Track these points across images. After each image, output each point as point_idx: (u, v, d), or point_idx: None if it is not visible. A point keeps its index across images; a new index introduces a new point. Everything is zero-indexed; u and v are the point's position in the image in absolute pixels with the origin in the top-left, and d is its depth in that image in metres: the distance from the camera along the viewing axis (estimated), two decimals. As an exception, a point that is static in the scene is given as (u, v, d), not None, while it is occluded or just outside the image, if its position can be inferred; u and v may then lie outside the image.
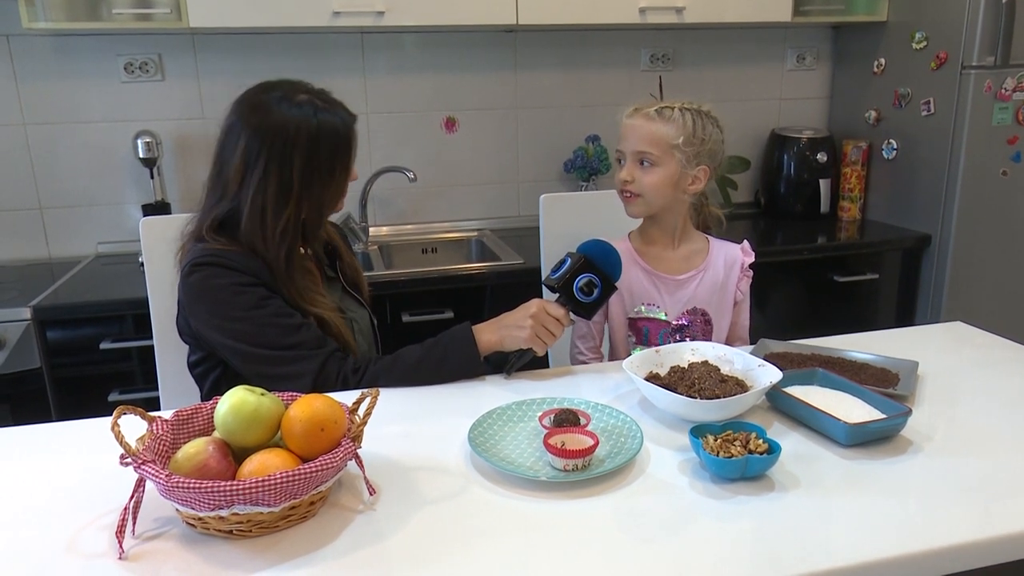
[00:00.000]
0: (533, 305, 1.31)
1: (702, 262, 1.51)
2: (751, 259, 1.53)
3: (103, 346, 1.92)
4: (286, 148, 1.24)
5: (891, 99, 2.55)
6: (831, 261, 2.42)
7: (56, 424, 1.19)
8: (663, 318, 1.48)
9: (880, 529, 0.87)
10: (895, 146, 2.55)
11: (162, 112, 2.33)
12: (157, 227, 1.57)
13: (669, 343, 1.38)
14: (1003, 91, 2.29)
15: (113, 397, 1.96)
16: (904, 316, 2.55)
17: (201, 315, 1.27)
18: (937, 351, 1.40)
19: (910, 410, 1.07)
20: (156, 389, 1.62)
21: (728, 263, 1.51)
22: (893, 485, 0.96)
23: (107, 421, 1.14)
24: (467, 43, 2.51)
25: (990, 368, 1.33)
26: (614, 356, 1.54)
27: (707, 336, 1.50)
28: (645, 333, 1.49)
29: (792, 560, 0.82)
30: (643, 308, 1.49)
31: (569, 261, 1.31)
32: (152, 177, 2.29)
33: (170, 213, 2.32)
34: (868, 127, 2.65)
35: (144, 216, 2.26)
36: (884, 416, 1.07)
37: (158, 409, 1.57)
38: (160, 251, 1.54)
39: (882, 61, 2.58)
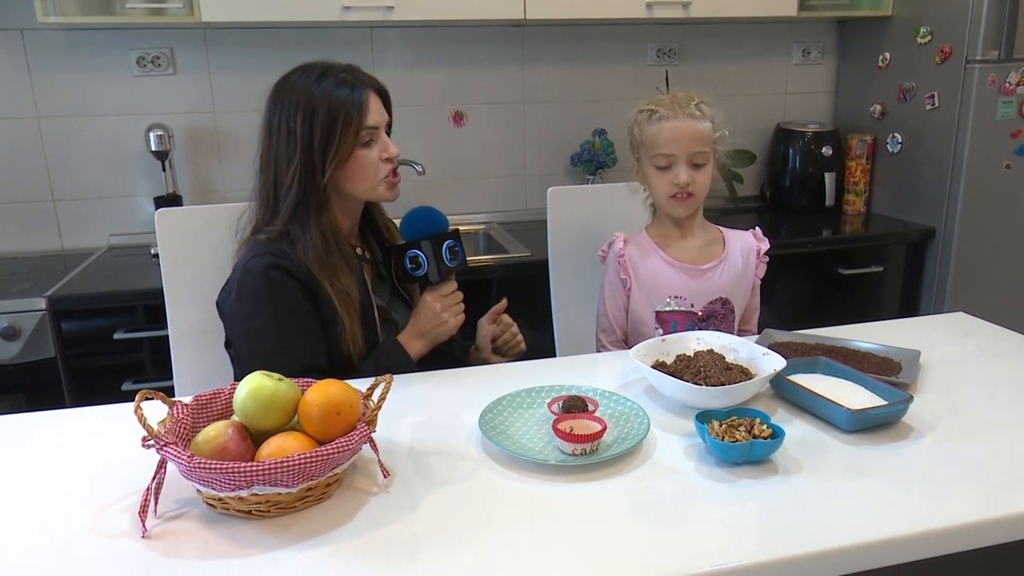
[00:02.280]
0: (432, 303, 1.37)
1: (722, 251, 1.53)
2: (766, 245, 1.55)
3: (116, 336, 1.95)
4: (289, 108, 1.31)
5: (896, 93, 2.56)
6: (836, 254, 2.44)
7: (75, 410, 1.22)
8: (690, 310, 1.50)
9: (880, 511, 0.89)
10: (900, 140, 2.56)
11: (174, 106, 2.36)
12: (171, 219, 1.59)
13: (693, 331, 1.39)
14: (1007, 85, 2.30)
15: (126, 387, 1.99)
16: (908, 309, 2.56)
17: (244, 310, 1.31)
18: (939, 341, 1.42)
19: (911, 397, 1.09)
20: (168, 379, 1.64)
21: (745, 251, 1.54)
22: (894, 470, 0.98)
23: (125, 407, 1.19)
24: (475, 38, 2.53)
25: (992, 358, 1.34)
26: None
27: (730, 324, 1.52)
28: (673, 326, 1.51)
29: (795, 542, 0.84)
30: (671, 301, 1.50)
31: (421, 252, 1.35)
32: (164, 170, 2.32)
33: (182, 205, 2.35)
34: (873, 121, 2.66)
35: (156, 208, 2.30)
36: (886, 403, 1.10)
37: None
38: (175, 242, 1.56)
39: (887, 55, 2.59)
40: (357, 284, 1.36)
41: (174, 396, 1.62)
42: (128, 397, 1.97)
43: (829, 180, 2.67)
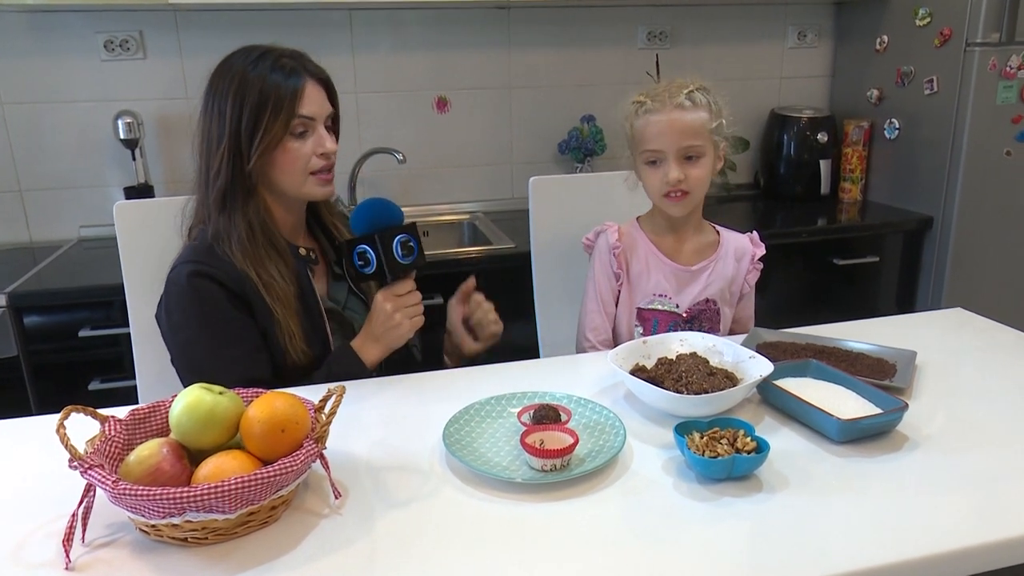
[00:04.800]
0: (384, 303, 1.26)
1: (713, 252, 1.45)
2: (761, 251, 1.47)
3: (82, 334, 1.88)
4: (223, 90, 1.24)
5: (894, 77, 2.47)
6: (831, 244, 2.36)
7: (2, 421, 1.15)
8: (674, 310, 1.43)
9: (874, 534, 0.82)
10: (897, 126, 2.48)
11: (144, 91, 2.27)
12: (132, 212, 1.51)
13: (676, 332, 1.32)
14: (1008, 69, 2.22)
15: (94, 386, 1.92)
16: (905, 299, 2.49)
17: (174, 322, 1.24)
18: (936, 339, 1.35)
19: (906, 404, 1.02)
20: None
21: (738, 255, 1.46)
22: (888, 485, 0.91)
23: (52, 419, 1.10)
24: (459, 20, 2.43)
25: (990, 357, 1.27)
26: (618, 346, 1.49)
27: (715, 327, 1.44)
28: (654, 324, 1.43)
29: (780, 568, 0.77)
30: (656, 299, 1.43)
31: (369, 248, 1.24)
32: (134, 159, 2.24)
33: (153, 195, 2.27)
34: (870, 106, 2.58)
35: (127, 199, 2.22)
36: (879, 411, 1.03)
37: (138, 401, 1.54)
38: (137, 236, 1.49)
39: (884, 38, 2.50)
40: (293, 280, 1.27)
41: (138, 398, 1.57)
42: (95, 397, 1.93)
43: (824, 167, 2.59)
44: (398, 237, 1.25)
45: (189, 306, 1.21)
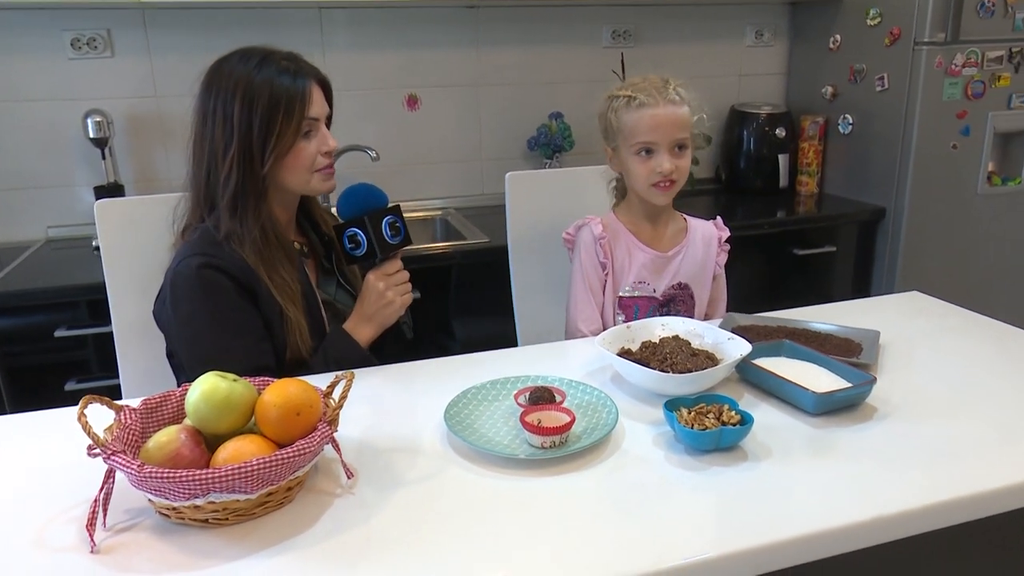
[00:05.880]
0: (376, 282, 1.31)
1: (684, 238, 1.53)
2: (726, 234, 1.56)
3: (58, 334, 1.86)
4: (226, 93, 1.24)
5: (847, 75, 2.59)
6: (791, 235, 2.46)
7: (14, 416, 1.16)
8: (652, 295, 1.50)
9: (848, 495, 0.89)
10: (851, 121, 2.60)
11: (113, 90, 2.25)
12: (112, 210, 1.51)
13: (658, 317, 1.39)
14: (953, 67, 2.34)
15: (70, 386, 1.90)
16: (860, 286, 2.61)
17: (181, 315, 1.25)
18: (896, 320, 1.44)
19: (875, 378, 1.10)
20: (115, 377, 1.57)
21: (706, 239, 1.54)
22: (860, 452, 0.99)
23: (67, 411, 1.12)
24: (428, 19, 2.47)
25: (945, 336, 1.37)
26: None
27: (690, 310, 1.52)
28: (635, 311, 1.50)
29: (767, 528, 0.84)
30: (635, 286, 1.50)
31: (359, 230, 1.29)
32: (104, 158, 2.22)
33: (124, 195, 2.25)
34: (825, 102, 2.69)
35: (97, 199, 2.20)
36: (850, 385, 1.10)
37: (120, 398, 1.54)
38: (117, 235, 1.49)
39: (838, 37, 2.61)
40: (299, 278, 1.31)
41: (120, 396, 1.57)
42: (72, 397, 1.90)
43: (783, 161, 2.69)
44: (386, 218, 1.31)
45: (200, 298, 1.22)
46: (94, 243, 2.07)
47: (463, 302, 2.15)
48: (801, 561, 0.83)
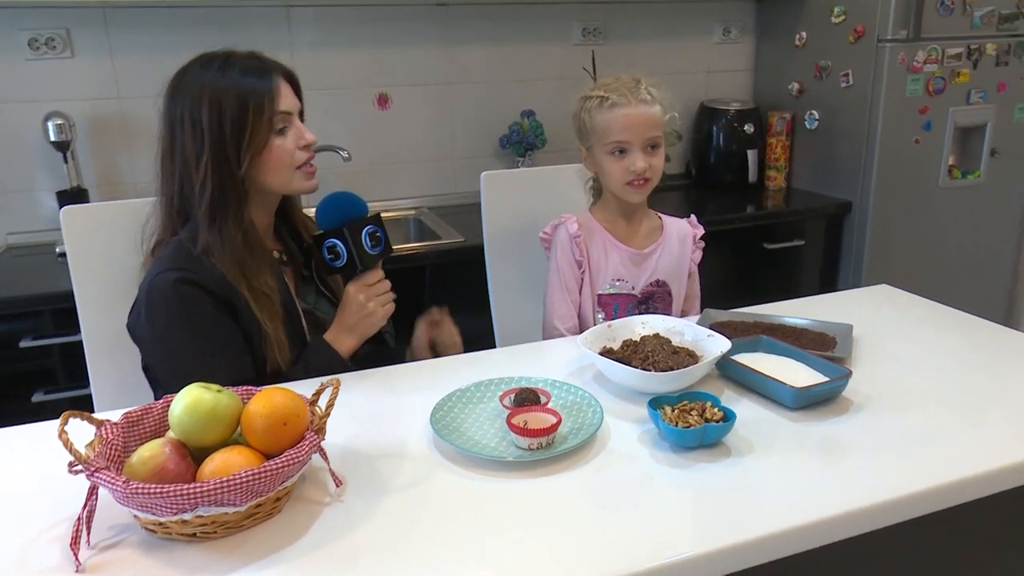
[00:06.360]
0: (356, 294, 1.30)
1: (660, 236, 1.55)
2: (701, 231, 1.58)
3: (23, 344, 1.82)
4: (192, 100, 1.22)
5: (812, 71, 2.63)
6: (760, 229, 2.50)
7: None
8: (631, 292, 1.51)
9: (833, 488, 0.91)
10: (817, 117, 2.64)
11: (73, 92, 2.19)
12: (79, 216, 1.47)
13: (636, 315, 1.40)
14: (915, 63, 2.40)
15: (38, 397, 1.86)
16: (828, 279, 2.66)
17: (158, 331, 1.23)
18: (867, 313, 1.47)
19: (850, 372, 1.13)
20: (84, 387, 1.54)
21: (681, 236, 1.56)
22: (839, 444, 1.01)
23: (40, 426, 1.10)
24: (397, 17, 2.45)
25: (914, 328, 1.40)
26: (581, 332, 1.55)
27: (668, 307, 1.53)
28: (615, 308, 1.51)
29: (753, 523, 0.85)
30: (613, 284, 1.51)
31: (338, 241, 1.28)
32: (66, 161, 2.16)
33: (87, 199, 2.19)
34: (791, 99, 2.73)
35: (60, 204, 2.14)
36: (827, 379, 1.13)
37: (90, 408, 1.51)
38: (84, 242, 1.45)
39: (803, 35, 2.65)
40: (278, 287, 1.28)
41: (92, 406, 1.53)
42: (40, 409, 1.87)
43: (752, 157, 2.73)
44: (366, 228, 1.29)
45: (176, 313, 1.20)
46: (58, 249, 2.02)
47: (438, 302, 2.13)
48: (787, 554, 0.85)
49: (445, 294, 2.14)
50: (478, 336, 1.69)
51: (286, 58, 2.31)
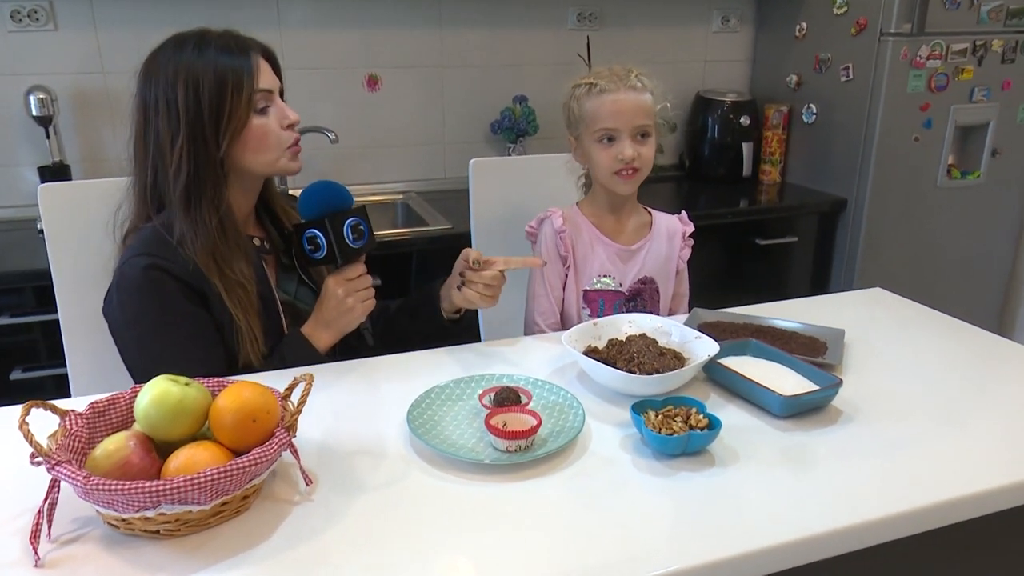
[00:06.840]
0: (335, 288, 1.26)
1: (648, 232, 1.52)
2: (691, 229, 1.55)
3: (1, 321, 1.78)
4: (166, 81, 1.18)
5: (812, 64, 2.60)
6: (753, 224, 2.47)
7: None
8: (618, 288, 1.48)
9: (816, 501, 0.89)
10: (814, 110, 2.61)
11: (56, 65, 2.14)
12: (57, 194, 1.44)
13: (623, 312, 1.37)
14: (918, 59, 2.36)
15: (16, 376, 1.83)
16: (820, 278, 2.64)
17: (127, 316, 1.19)
18: (860, 317, 1.44)
19: (841, 381, 1.10)
20: (63, 366, 1.51)
21: (670, 233, 1.53)
22: (826, 456, 0.99)
23: (10, 411, 1.07)
24: (390, -4, 2.40)
25: (908, 334, 1.38)
26: (567, 328, 1.52)
27: (655, 305, 1.51)
28: (601, 305, 1.49)
29: (735, 537, 0.83)
30: (600, 280, 1.48)
31: (319, 232, 1.24)
32: (48, 137, 2.11)
33: (70, 175, 2.15)
34: (789, 91, 2.70)
35: (41, 179, 2.10)
36: (817, 387, 1.10)
37: (67, 387, 1.48)
38: (62, 221, 1.42)
39: (804, 26, 2.61)
40: (255, 276, 1.25)
41: (70, 386, 1.50)
42: (18, 387, 1.84)
43: (747, 150, 2.70)
44: (348, 221, 1.25)
45: (144, 300, 1.17)
46: (39, 226, 1.98)
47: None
48: (769, 571, 0.83)
49: (431, 281, 2.11)
50: (463, 327, 1.66)
51: (274, 36, 2.31)
